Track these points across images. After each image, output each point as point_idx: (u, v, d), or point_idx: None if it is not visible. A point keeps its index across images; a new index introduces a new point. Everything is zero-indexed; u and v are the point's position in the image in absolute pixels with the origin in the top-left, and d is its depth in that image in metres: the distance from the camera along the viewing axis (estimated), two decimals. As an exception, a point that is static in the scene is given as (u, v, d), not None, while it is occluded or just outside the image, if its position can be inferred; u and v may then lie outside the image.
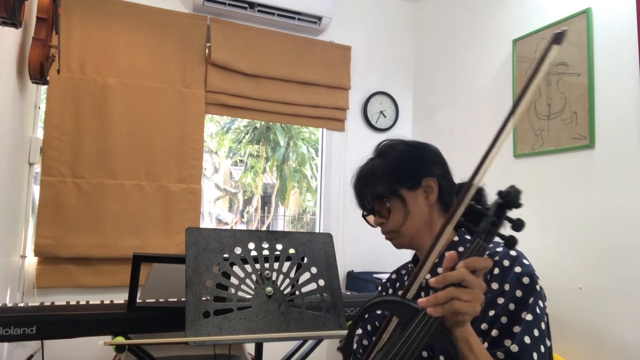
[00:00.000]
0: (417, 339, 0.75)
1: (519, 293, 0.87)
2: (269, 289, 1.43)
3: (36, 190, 2.36)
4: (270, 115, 2.90)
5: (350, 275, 2.96)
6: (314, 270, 1.52)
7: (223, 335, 1.33)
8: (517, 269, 0.89)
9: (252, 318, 1.39)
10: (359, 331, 1.16)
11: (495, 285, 0.89)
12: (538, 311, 0.86)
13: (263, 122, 7.07)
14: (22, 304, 1.44)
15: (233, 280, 1.43)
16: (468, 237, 1.04)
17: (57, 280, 2.33)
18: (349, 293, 1.79)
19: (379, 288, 1.22)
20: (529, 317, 0.85)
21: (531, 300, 0.86)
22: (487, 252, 0.95)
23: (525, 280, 0.88)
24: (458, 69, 2.91)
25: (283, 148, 8.32)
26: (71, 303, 1.49)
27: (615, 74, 1.95)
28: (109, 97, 2.45)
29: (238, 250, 1.46)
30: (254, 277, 1.44)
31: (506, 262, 0.91)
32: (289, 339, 1.49)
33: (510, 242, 0.74)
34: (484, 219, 0.76)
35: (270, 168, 8.83)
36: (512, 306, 0.87)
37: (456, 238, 1.02)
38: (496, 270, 0.91)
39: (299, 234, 1.55)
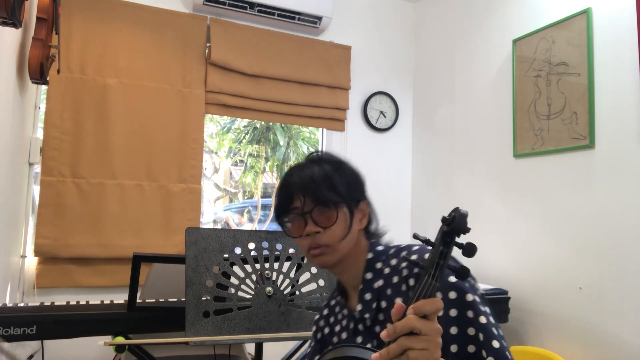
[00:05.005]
0: None
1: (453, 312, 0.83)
2: (269, 289, 1.43)
3: (36, 190, 2.36)
4: (270, 115, 2.90)
5: (350, 275, 2.95)
6: (314, 270, 1.52)
7: (223, 335, 1.33)
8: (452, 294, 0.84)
9: (252, 318, 1.39)
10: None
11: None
12: (483, 309, 0.83)
13: (263, 122, 7.06)
14: (22, 304, 1.44)
15: (233, 280, 1.43)
16: (380, 247, 0.99)
17: (57, 280, 2.33)
18: (349, 293, 1.79)
19: (313, 328, 1.11)
20: (482, 319, 0.81)
21: (470, 311, 0.82)
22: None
23: (452, 295, 0.83)
24: (458, 69, 2.91)
25: (283, 148, 8.31)
26: (71, 303, 1.49)
27: (615, 74, 1.95)
28: (109, 97, 2.45)
29: (238, 250, 1.46)
30: (254, 277, 1.44)
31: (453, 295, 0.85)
32: (289, 339, 1.49)
33: (463, 273, 0.68)
34: (431, 251, 0.68)
35: (271, 168, 8.82)
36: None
37: (370, 255, 0.98)
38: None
39: (299, 234, 1.54)
